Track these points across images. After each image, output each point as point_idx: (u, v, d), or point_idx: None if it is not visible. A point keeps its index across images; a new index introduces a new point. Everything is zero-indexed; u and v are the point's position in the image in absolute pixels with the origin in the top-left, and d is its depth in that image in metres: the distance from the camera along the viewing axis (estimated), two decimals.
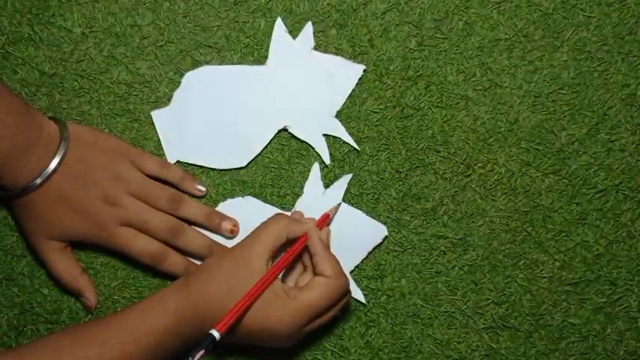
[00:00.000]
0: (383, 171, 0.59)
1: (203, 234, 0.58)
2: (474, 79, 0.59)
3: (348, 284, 0.54)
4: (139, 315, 0.51)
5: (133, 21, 0.59)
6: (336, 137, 0.59)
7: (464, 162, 0.59)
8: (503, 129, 0.59)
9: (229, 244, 0.58)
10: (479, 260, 0.59)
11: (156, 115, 0.59)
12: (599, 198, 0.59)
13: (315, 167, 0.59)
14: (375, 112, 0.59)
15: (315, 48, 0.59)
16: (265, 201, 0.59)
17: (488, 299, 0.59)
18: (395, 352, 0.59)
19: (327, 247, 0.55)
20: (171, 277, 0.58)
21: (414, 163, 0.59)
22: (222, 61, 0.59)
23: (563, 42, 0.58)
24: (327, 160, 0.59)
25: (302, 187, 0.59)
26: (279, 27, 0.58)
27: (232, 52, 0.59)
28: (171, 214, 0.56)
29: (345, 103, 0.59)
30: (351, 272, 0.59)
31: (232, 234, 0.58)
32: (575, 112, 0.59)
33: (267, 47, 0.59)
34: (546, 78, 0.59)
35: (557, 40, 0.58)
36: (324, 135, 0.59)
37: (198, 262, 0.58)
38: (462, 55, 0.59)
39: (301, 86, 0.59)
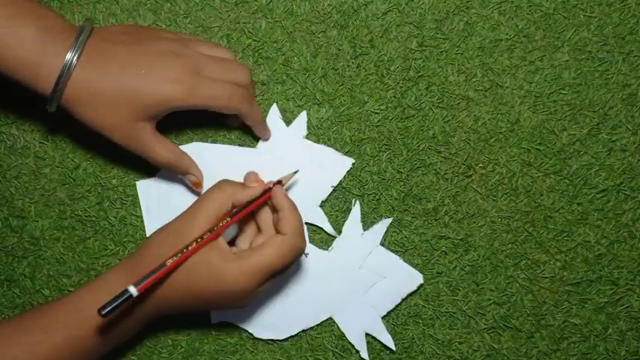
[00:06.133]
0: (384, 171, 0.59)
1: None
2: (474, 80, 0.59)
3: (304, 244, 0.52)
4: (83, 298, 0.50)
5: (134, 22, 0.59)
6: (337, 135, 0.59)
7: (465, 162, 0.59)
8: (504, 129, 0.59)
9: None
10: (480, 260, 0.59)
11: (141, 185, 0.58)
12: (601, 198, 0.59)
13: (356, 208, 0.59)
14: (376, 113, 0.59)
15: (315, 46, 0.59)
16: None
17: (489, 299, 0.59)
18: (396, 353, 0.59)
19: (293, 203, 0.52)
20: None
21: (415, 164, 0.59)
22: None
23: (564, 42, 0.59)
24: (330, 231, 0.59)
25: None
26: (274, 112, 0.58)
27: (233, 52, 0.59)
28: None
29: (346, 103, 0.59)
30: (382, 317, 0.59)
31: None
32: (576, 112, 0.59)
33: (268, 48, 0.59)
34: (547, 78, 0.59)
35: (558, 41, 0.59)
36: (319, 206, 0.59)
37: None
38: (462, 55, 0.59)
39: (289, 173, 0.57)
